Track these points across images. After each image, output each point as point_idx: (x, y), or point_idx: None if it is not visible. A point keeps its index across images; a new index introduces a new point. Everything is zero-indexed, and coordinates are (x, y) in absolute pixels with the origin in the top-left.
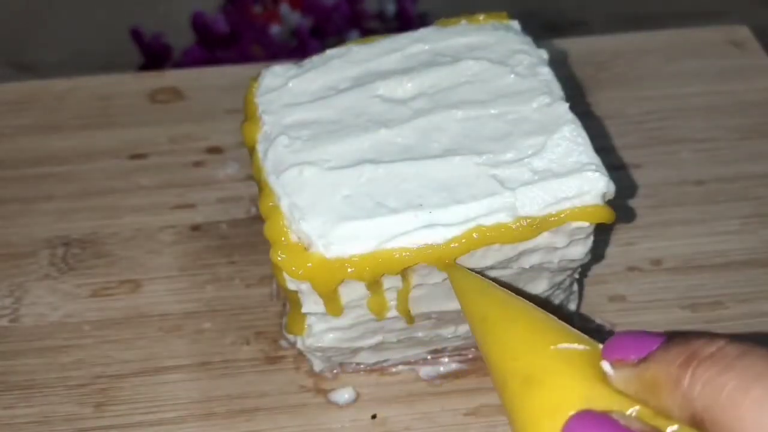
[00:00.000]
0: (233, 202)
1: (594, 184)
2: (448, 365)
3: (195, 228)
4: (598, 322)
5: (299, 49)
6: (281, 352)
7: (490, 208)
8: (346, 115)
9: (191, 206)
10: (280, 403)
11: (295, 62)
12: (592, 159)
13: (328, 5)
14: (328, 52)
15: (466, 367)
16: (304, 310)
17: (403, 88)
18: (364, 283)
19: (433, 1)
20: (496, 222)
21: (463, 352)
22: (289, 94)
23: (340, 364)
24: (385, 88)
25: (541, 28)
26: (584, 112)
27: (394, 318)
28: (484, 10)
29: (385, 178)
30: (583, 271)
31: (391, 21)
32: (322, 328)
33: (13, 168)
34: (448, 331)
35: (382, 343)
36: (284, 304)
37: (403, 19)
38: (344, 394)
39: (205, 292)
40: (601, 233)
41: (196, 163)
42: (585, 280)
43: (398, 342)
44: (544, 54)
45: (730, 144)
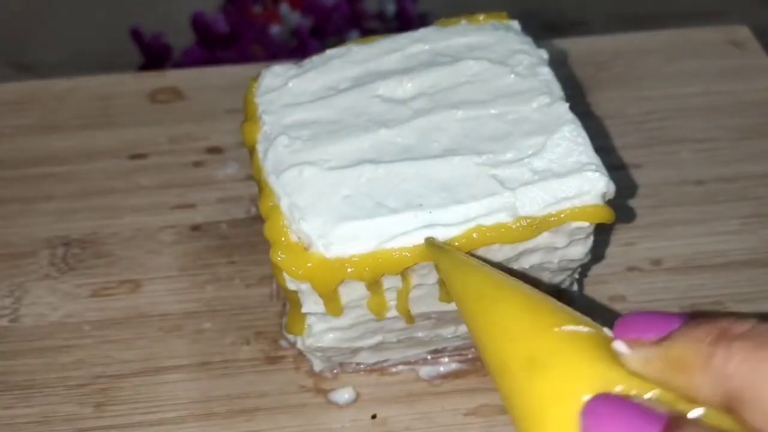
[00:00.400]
0: (233, 202)
1: (594, 184)
2: (448, 365)
3: (195, 228)
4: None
5: (299, 49)
6: (281, 352)
7: (490, 208)
8: (346, 115)
9: (191, 206)
10: (280, 403)
11: (295, 62)
12: (592, 159)
13: (328, 5)
14: (328, 52)
15: (466, 367)
16: (304, 310)
17: (403, 88)
18: (364, 283)
19: (433, 1)
20: (496, 222)
21: (463, 352)
22: (289, 94)
23: (340, 364)
24: (385, 88)
25: (541, 28)
26: (584, 112)
27: (394, 318)
28: (484, 10)
29: (385, 178)
30: (583, 271)
31: (391, 21)
32: (322, 328)
33: (13, 168)
34: (448, 331)
35: (382, 343)
36: (284, 304)
37: (403, 19)
38: (344, 394)
39: (205, 292)
40: (601, 233)
41: (196, 163)
42: (585, 280)
43: (398, 342)
44: (544, 54)
45: (730, 144)
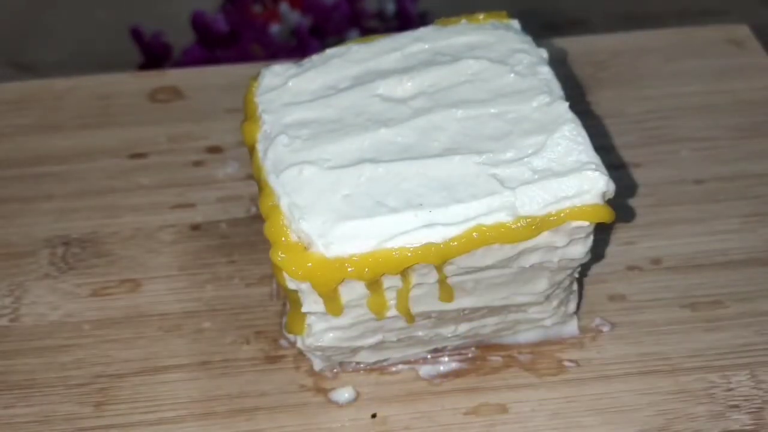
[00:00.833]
0: (233, 201)
1: (594, 184)
2: (448, 364)
3: (195, 227)
4: (598, 321)
5: (299, 49)
6: (281, 352)
7: (490, 208)
8: (345, 114)
9: (191, 206)
10: (280, 403)
11: (294, 61)
12: (592, 158)
13: (327, 4)
14: (328, 52)
15: (466, 366)
16: (304, 310)
17: (403, 87)
18: (363, 282)
19: (433, 1)
20: (496, 221)
21: (463, 351)
22: (288, 94)
23: (340, 364)
24: (385, 88)
25: (540, 28)
26: (584, 111)
27: (394, 317)
28: (484, 10)
29: (385, 178)
30: (583, 270)
31: (391, 20)
32: (322, 328)
33: (13, 167)
34: (448, 330)
35: (382, 343)
36: (284, 304)
37: (403, 18)
38: (344, 394)
39: (204, 292)
40: (601, 232)
41: (196, 163)
42: (585, 279)
43: (398, 341)
44: (543, 53)
45: (730, 143)
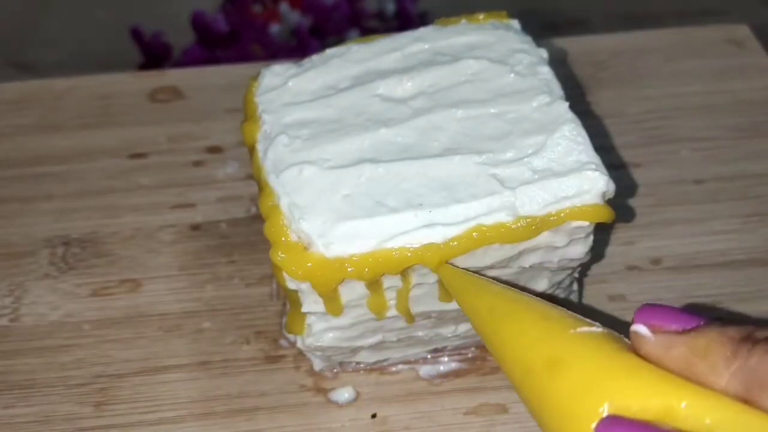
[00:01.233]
0: (233, 201)
1: (594, 183)
2: (448, 364)
3: (195, 227)
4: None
5: (299, 49)
6: (281, 352)
7: (490, 208)
8: (345, 114)
9: (191, 206)
10: (280, 403)
11: (294, 61)
12: (592, 158)
13: (327, 4)
14: (328, 52)
15: (466, 366)
16: (304, 310)
17: (403, 87)
18: (363, 282)
19: (433, 1)
20: (496, 221)
21: (462, 352)
22: (288, 94)
23: (340, 364)
24: (385, 88)
25: (540, 28)
26: (584, 111)
27: (394, 317)
28: (484, 9)
29: (385, 178)
30: (583, 270)
31: (391, 20)
32: (321, 328)
33: (12, 167)
34: (448, 330)
35: (382, 343)
36: (284, 304)
37: (403, 18)
38: (344, 394)
39: (204, 292)
40: (601, 232)
41: (196, 163)
42: (585, 279)
43: (398, 341)
44: (543, 53)
45: (730, 143)
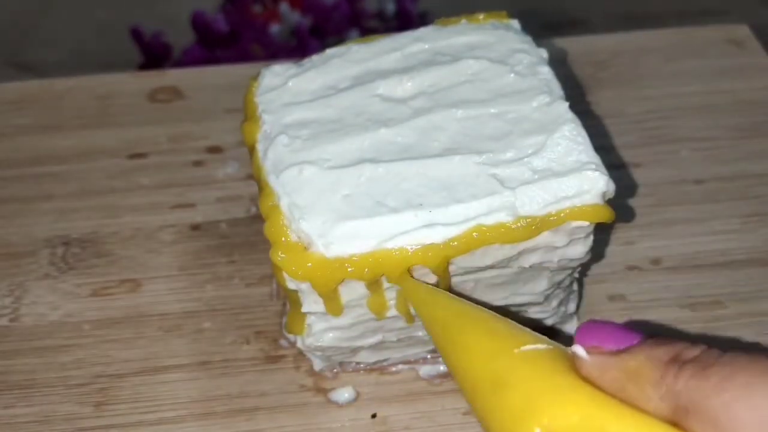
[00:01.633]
0: (233, 201)
1: (594, 183)
2: None
3: (195, 227)
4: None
5: (299, 49)
6: (281, 352)
7: (490, 208)
8: (345, 114)
9: (191, 206)
10: (280, 403)
11: (294, 61)
12: (592, 158)
13: (327, 4)
14: (328, 52)
15: None
16: (304, 310)
17: (403, 87)
18: (363, 282)
19: (433, 1)
20: (496, 221)
21: None
22: (288, 94)
23: (340, 364)
24: (385, 88)
25: (541, 27)
26: (584, 111)
27: (394, 317)
28: (484, 9)
29: (384, 178)
30: (583, 270)
31: (391, 20)
32: (321, 328)
33: (12, 168)
34: None
35: (382, 343)
36: (284, 304)
37: (403, 18)
38: (344, 394)
39: (204, 292)
40: (601, 232)
41: (196, 163)
42: (585, 279)
43: (398, 341)
44: (543, 53)
45: (730, 143)
